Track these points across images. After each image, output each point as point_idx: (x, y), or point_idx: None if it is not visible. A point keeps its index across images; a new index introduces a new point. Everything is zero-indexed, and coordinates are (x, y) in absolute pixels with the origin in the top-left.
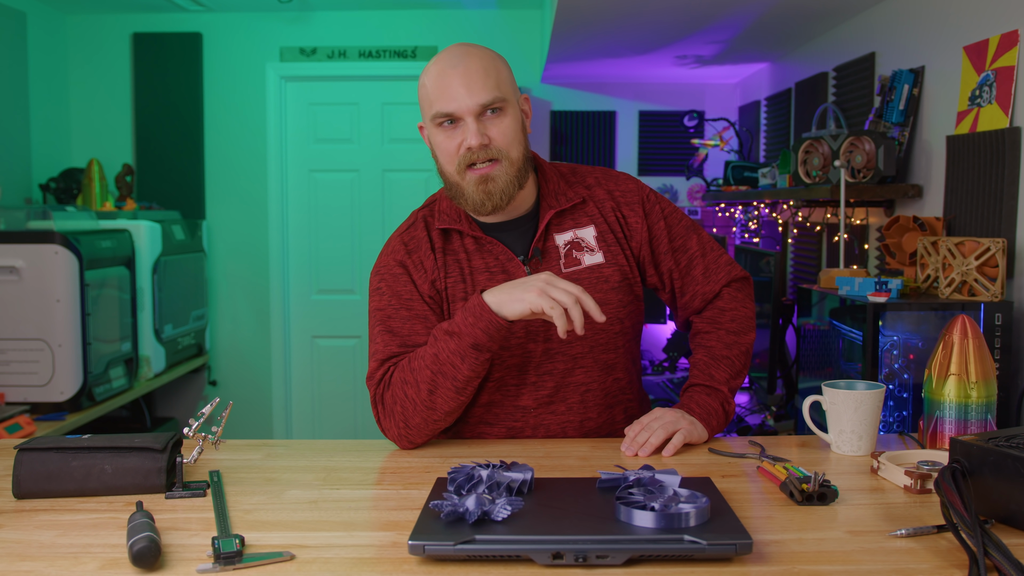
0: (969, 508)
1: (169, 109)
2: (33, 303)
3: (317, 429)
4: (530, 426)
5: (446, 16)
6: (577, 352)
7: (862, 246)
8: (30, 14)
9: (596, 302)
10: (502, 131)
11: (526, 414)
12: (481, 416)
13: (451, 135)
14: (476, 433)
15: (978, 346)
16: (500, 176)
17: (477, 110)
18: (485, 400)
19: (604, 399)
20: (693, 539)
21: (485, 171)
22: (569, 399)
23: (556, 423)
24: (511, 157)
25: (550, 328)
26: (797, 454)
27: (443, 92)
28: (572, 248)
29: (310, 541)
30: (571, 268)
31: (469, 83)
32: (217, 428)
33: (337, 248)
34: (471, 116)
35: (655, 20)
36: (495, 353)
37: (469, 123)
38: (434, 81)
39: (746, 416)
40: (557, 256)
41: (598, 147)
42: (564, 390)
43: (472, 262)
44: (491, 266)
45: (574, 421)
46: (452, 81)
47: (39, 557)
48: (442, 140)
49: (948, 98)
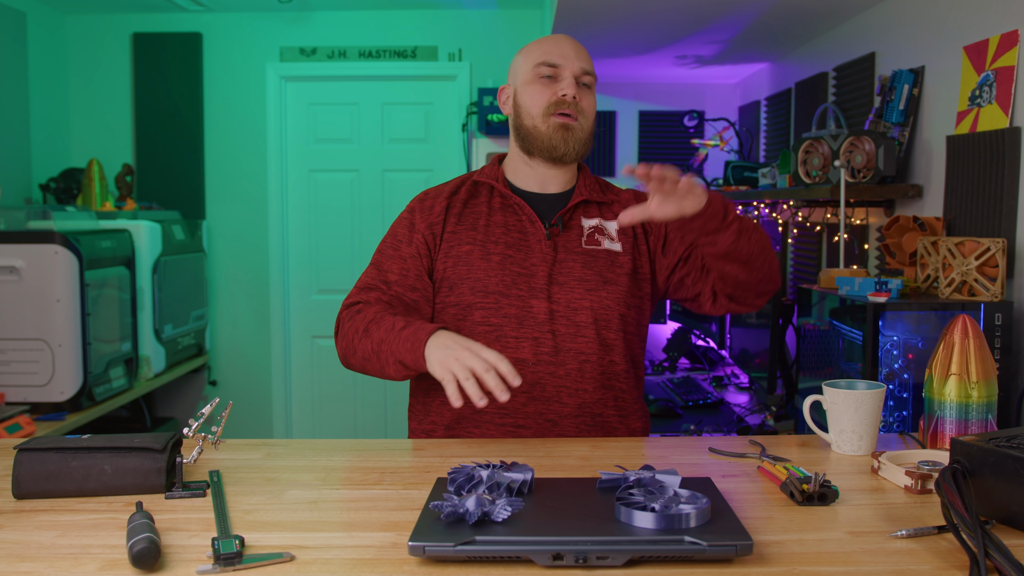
0: (970, 509)
1: (169, 109)
2: (33, 303)
3: (317, 429)
4: (527, 381)
5: (446, 16)
6: (581, 320)
7: (862, 246)
8: (30, 14)
9: (606, 281)
10: (589, 103)
11: (524, 367)
12: None
13: (548, 86)
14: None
15: (979, 346)
16: (578, 129)
17: (578, 72)
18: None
19: (601, 376)
20: (693, 540)
21: (569, 120)
22: (568, 364)
23: (552, 384)
24: (589, 123)
25: (555, 291)
26: (797, 454)
27: (554, 48)
28: (595, 232)
29: (310, 541)
30: (590, 246)
31: (576, 50)
32: (217, 428)
33: (337, 248)
34: (571, 74)
35: (655, 20)
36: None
37: (568, 78)
38: (542, 43)
39: (746, 416)
40: (580, 234)
41: (598, 147)
42: (564, 354)
43: (492, 216)
44: (511, 224)
45: (569, 387)
46: (562, 42)
47: (39, 558)
48: (538, 88)
49: (948, 98)
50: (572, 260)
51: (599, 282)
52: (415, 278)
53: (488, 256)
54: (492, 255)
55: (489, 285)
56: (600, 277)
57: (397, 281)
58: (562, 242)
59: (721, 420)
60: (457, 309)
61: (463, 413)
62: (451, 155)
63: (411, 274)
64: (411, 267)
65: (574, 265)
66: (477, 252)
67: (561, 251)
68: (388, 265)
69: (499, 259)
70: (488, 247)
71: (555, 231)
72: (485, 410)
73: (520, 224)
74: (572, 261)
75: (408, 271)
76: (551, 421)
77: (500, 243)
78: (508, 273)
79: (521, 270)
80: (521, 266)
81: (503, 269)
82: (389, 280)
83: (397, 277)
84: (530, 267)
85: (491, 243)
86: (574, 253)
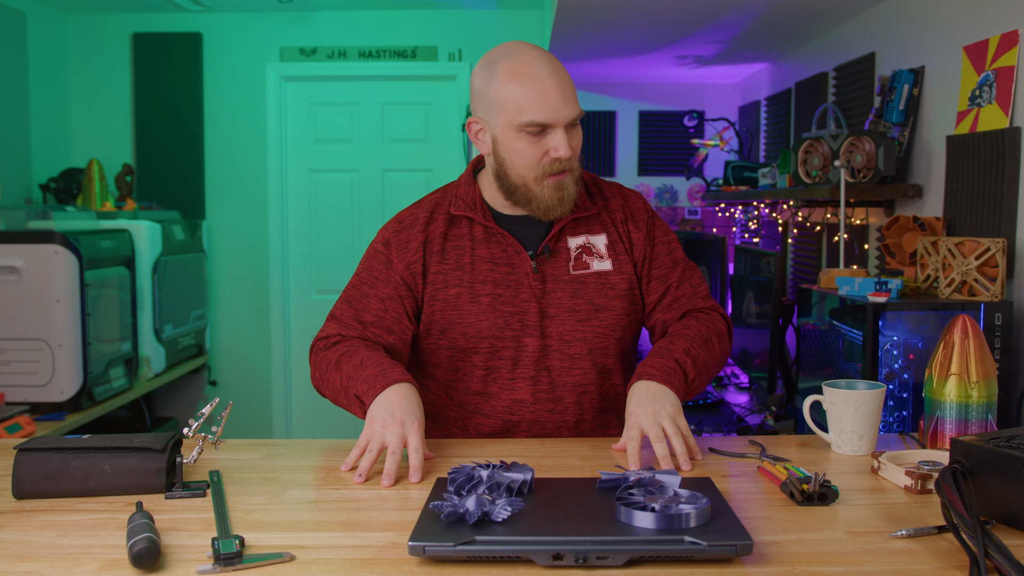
0: (970, 509)
1: (169, 109)
2: (33, 303)
3: (317, 429)
4: (526, 421)
5: (446, 16)
6: (575, 352)
7: (862, 246)
8: (30, 14)
9: (597, 309)
10: (578, 142)
11: (523, 408)
12: (478, 406)
13: (536, 143)
14: (473, 423)
15: (979, 346)
16: (571, 183)
17: (569, 122)
18: (478, 388)
19: (600, 403)
20: (693, 540)
21: (562, 178)
22: (566, 399)
23: (552, 421)
24: (579, 167)
25: (547, 324)
26: (797, 454)
27: (540, 101)
28: (583, 252)
29: (310, 541)
30: (579, 271)
31: (564, 95)
32: (217, 428)
33: (337, 248)
34: (561, 128)
35: (655, 20)
36: (474, 348)
37: (559, 134)
38: (528, 87)
39: (746, 416)
40: (567, 257)
41: (598, 147)
42: (561, 389)
43: (476, 251)
44: (496, 256)
45: (569, 422)
46: (551, 91)
47: (39, 558)
48: (525, 147)
49: (948, 98)
50: (561, 290)
51: (590, 311)
52: (392, 320)
53: (477, 299)
54: (481, 297)
55: (482, 330)
56: (591, 305)
57: (373, 323)
58: (549, 271)
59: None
60: (452, 352)
61: None
62: (451, 155)
63: (388, 316)
64: (389, 308)
65: (563, 296)
66: (465, 295)
67: (549, 281)
68: (364, 304)
69: (489, 300)
70: (476, 288)
71: (542, 260)
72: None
73: (506, 256)
74: (561, 291)
75: (386, 312)
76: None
77: (488, 282)
78: (500, 315)
79: (512, 309)
80: (511, 304)
81: (494, 311)
82: (365, 320)
83: (373, 318)
84: (520, 304)
85: (479, 283)
86: (562, 282)
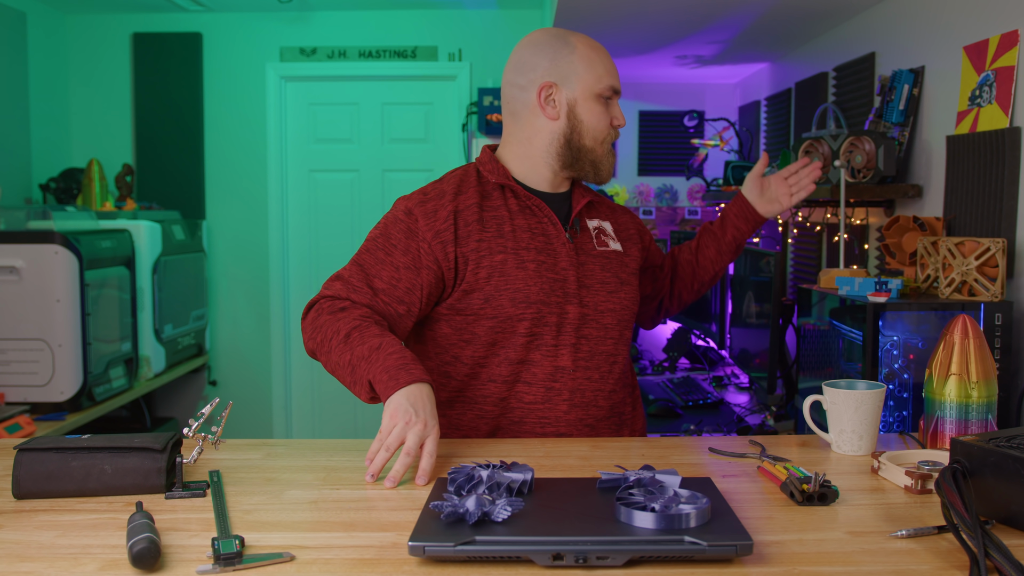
0: (970, 509)
1: (169, 109)
2: (33, 303)
3: (317, 429)
4: (567, 388)
5: (446, 16)
6: (608, 323)
7: (862, 246)
8: (30, 14)
9: (622, 283)
10: None
11: (564, 375)
12: (519, 375)
13: (606, 110)
14: (513, 392)
15: (979, 346)
16: None
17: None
18: (520, 357)
19: (622, 375)
20: (693, 540)
21: (613, 147)
22: (602, 367)
23: (590, 389)
24: None
25: (584, 294)
26: (797, 454)
27: (612, 70)
28: (599, 232)
29: (310, 541)
30: (601, 248)
31: (615, 69)
32: (217, 428)
33: (337, 248)
34: (617, 99)
35: (655, 20)
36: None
37: (616, 104)
38: (606, 59)
39: (746, 416)
40: (590, 236)
41: None
42: (597, 358)
43: (515, 220)
44: (533, 226)
45: (604, 391)
46: (611, 63)
47: (39, 558)
48: (599, 114)
49: (948, 98)
50: (592, 263)
51: (617, 284)
52: (404, 291)
53: (523, 264)
54: (527, 263)
55: (531, 295)
56: (617, 279)
57: (385, 290)
58: (580, 244)
59: (721, 420)
60: (495, 322)
61: (500, 424)
62: (451, 155)
63: (401, 285)
64: (403, 277)
65: (594, 268)
66: (511, 261)
67: (581, 254)
68: (376, 269)
69: (535, 267)
70: (521, 255)
71: (574, 233)
72: (525, 420)
73: (542, 227)
74: (592, 264)
75: (399, 281)
76: (589, 426)
77: (531, 249)
78: (545, 280)
79: (555, 275)
80: (554, 271)
81: (540, 277)
82: (376, 287)
83: (385, 285)
84: (561, 272)
85: (523, 250)
86: (591, 256)
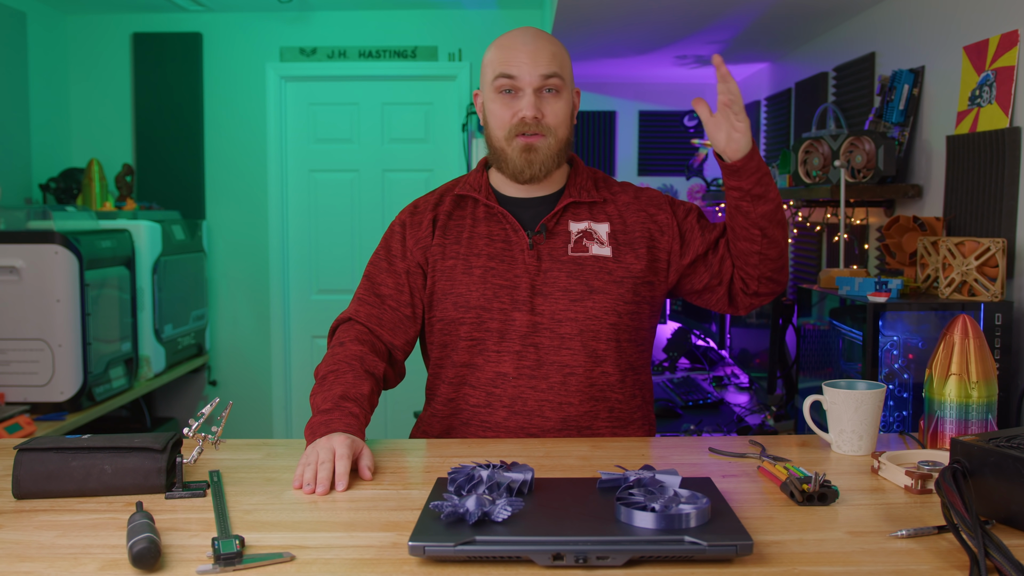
0: (970, 509)
1: (169, 109)
2: (33, 303)
3: None
4: (508, 395)
5: (446, 16)
6: (565, 332)
7: (862, 246)
8: (30, 14)
9: (592, 291)
10: (555, 111)
11: (505, 381)
12: (464, 377)
13: (508, 104)
14: (460, 395)
15: (979, 346)
16: (543, 148)
17: (537, 82)
18: (462, 360)
19: (588, 388)
20: (693, 540)
21: (531, 140)
22: (551, 378)
23: (534, 398)
24: (557, 136)
25: (539, 302)
26: (797, 454)
27: (511, 59)
28: (584, 237)
29: (310, 542)
30: (577, 253)
31: (535, 56)
32: (217, 428)
33: (337, 248)
34: (530, 88)
35: (655, 20)
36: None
37: (528, 94)
38: (501, 49)
39: (746, 416)
40: (566, 240)
41: (598, 147)
42: (547, 367)
43: (476, 228)
44: (494, 233)
45: (552, 401)
46: (520, 51)
47: (39, 558)
48: (498, 107)
49: (948, 98)
50: (557, 269)
51: (585, 292)
52: (408, 294)
53: (470, 270)
54: (474, 268)
55: (471, 300)
56: (586, 286)
57: (390, 296)
58: (546, 250)
59: (721, 420)
60: (443, 324)
61: (451, 424)
62: (451, 155)
63: (405, 290)
64: (405, 283)
65: (559, 275)
66: (460, 266)
67: (546, 260)
68: (381, 278)
69: (480, 272)
70: (470, 260)
71: (539, 239)
72: (470, 422)
73: (504, 233)
74: (557, 270)
75: (402, 287)
76: (532, 436)
77: (482, 255)
78: (489, 286)
79: (503, 282)
80: (503, 278)
81: (484, 283)
82: (382, 294)
83: (391, 291)
84: (512, 279)
85: (473, 256)
86: (559, 262)
